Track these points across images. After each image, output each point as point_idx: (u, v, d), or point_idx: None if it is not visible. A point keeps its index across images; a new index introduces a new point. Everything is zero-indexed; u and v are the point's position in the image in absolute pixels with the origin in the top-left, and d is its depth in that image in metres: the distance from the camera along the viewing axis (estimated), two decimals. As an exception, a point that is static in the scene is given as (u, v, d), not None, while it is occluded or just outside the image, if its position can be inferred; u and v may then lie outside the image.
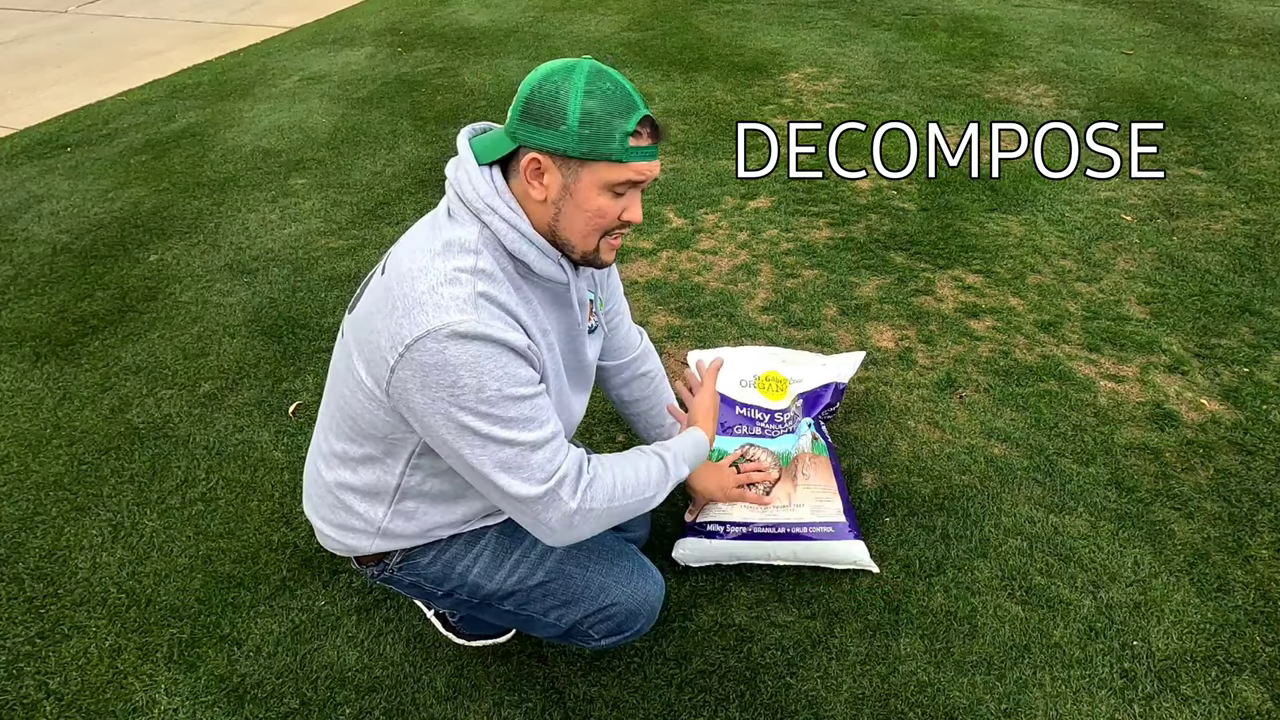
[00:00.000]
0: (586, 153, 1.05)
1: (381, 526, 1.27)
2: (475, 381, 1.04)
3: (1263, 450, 2.02)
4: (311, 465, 1.35)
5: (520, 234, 1.11)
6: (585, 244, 1.15)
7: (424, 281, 1.06)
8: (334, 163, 3.69)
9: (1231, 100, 3.92)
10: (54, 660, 1.64)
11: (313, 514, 1.36)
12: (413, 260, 1.10)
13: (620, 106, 1.06)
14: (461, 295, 1.05)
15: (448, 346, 1.03)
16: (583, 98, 1.04)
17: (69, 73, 5.02)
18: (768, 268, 2.80)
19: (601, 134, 1.05)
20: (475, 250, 1.10)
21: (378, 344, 1.09)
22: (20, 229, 3.27)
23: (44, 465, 2.12)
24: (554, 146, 1.06)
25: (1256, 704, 1.49)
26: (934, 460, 2.02)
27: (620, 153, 1.06)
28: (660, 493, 1.26)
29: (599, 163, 1.07)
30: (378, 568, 1.35)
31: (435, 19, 5.71)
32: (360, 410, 1.17)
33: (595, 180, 1.08)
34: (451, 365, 1.03)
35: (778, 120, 3.89)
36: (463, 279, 1.06)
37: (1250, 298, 2.56)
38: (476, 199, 1.10)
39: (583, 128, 1.04)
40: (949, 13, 5.36)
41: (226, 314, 2.69)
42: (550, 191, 1.10)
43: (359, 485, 1.26)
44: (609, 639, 1.37)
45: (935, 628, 1.63)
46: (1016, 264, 2.76)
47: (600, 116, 1.04)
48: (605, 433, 2.15)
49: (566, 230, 1.13)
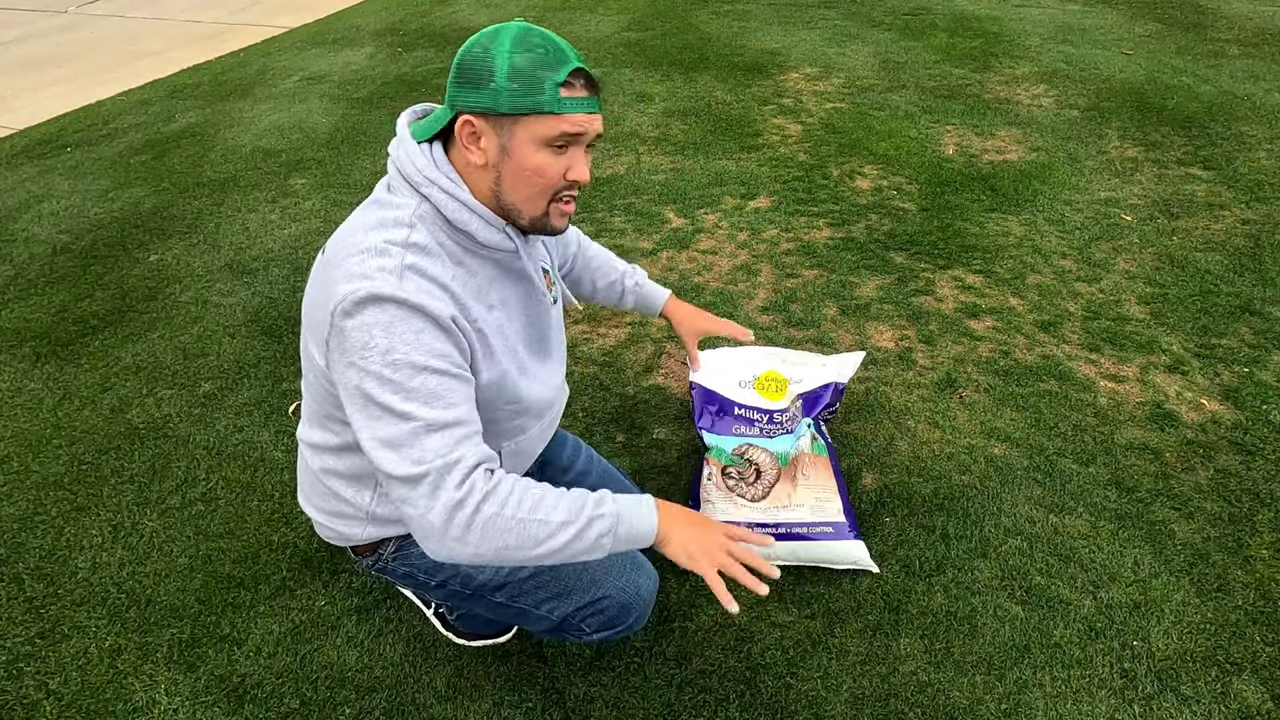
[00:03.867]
0: (516, 107, 1.03)
1: (370, 510, 1.28)
2: (385, 343, 1.02)
3: (1263, 450, 2.02)
4: (301, 457, 1.36)
5: (461, 203, 1.10)
6: (532, 208, 1.12)
7: (355, 254, 1.06)
8: (334, 163, 3.69)
9: (1231, 100, 3.92)
10: (54, 660, 1.64)
11: (306, 504, 1.36)
12: (350, 237, 1.10)
13: (549, 59, 1.04)
14: (388, 265, 1.04)
15: (366, 308, 1.02)
16: (510, 53, 1.03)
17: (69, 73, 5.02)
18: (768, 268, 2.80)
19: (530, 86, 1.02)
20: (409, 224, 1.09)
21: (318, 319, 1.10)
22: (20, 229, 3.27)
23: (44, 465, 2.12)
24: (484, 105, 1.04)
25: (1256, 704, 1.49)
26: (934, 460, 2.02)
27: (552, 103, 1.03)
28: (573, 523, 1.05)
29: (530, 116, 1.04)
30: (373, 558, 1.36)
31: (435, 19, 5.71)
32: (324, 393, 1.17)
33: (530, 136, 1.05)
34: (366, 326, 1.02)
35: (778, 120, 3.89)
36: (392, 250, 1.06)
37: (1250, 298, 2.56)
38: (415, 172, 1.09)
39: (510, 82, 1.02)
40: (949, 13, 5.36)
41: (226, 314, 2.69)
42: (488, 155, 1.08)
43: (343, 470, 1.26)
44: (601, 633, 1.36)
45: (935, 628, 1.63)
46: (1016, 264, 2.76)
47: (528, 69, 1.02)
48: (605, 433, 2.15)
49: (510, 194, 1.10)
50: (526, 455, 1.38)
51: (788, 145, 3.65)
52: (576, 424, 2.17)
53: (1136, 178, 3.28)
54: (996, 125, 3.76)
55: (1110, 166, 3.37)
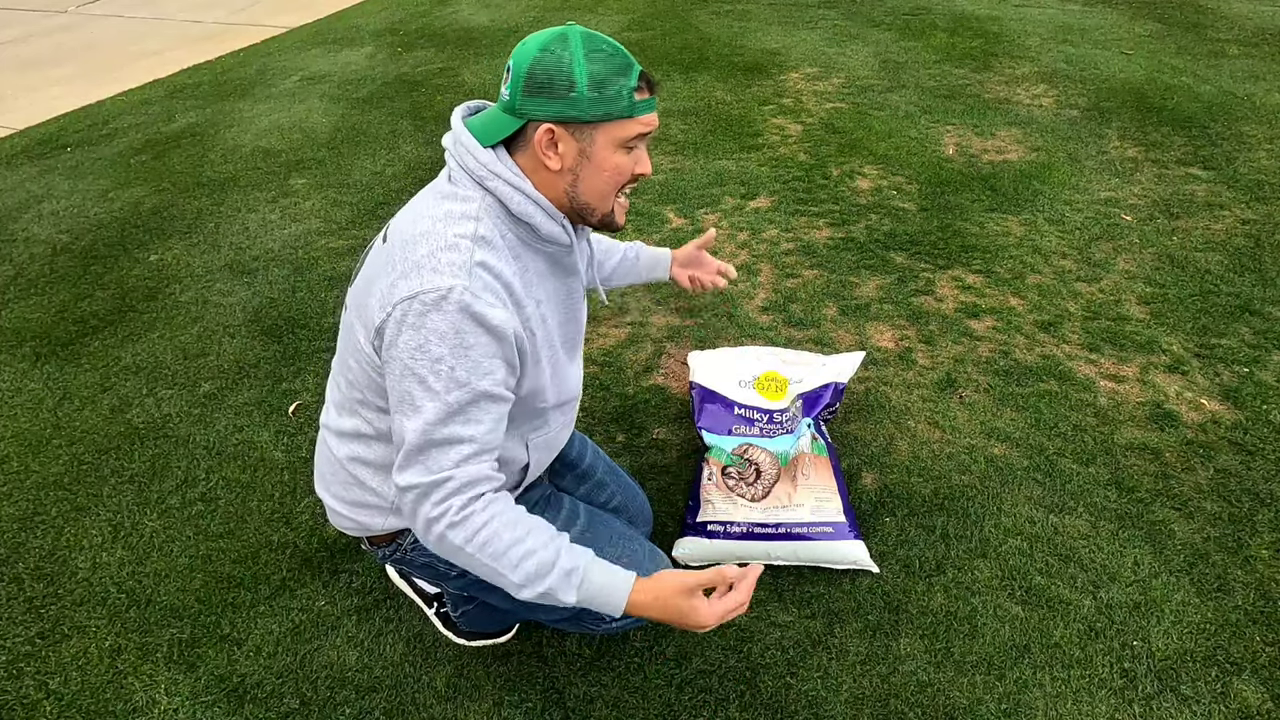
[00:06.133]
0: (601, 115, 1.08)
1: (395, 502, 1.27)
2: (439, 351, 1.05)
3: (1263, 450, 2.02)
4: (322, 444, 1.35)
5: (525, 195, 1.13)
6: (604, 205, 1.17)
7: (424, 246, 1.08)
8: (334, 163, 3.69)
9: (1231, 100, 3.92)
10: (54, 660, 1.64)
11: (324, 492, 1.36)
12: (414, 226, 1.12)
13: (621, 65, 1.09)
14: (458, 261, 1.06)
15: (431, 311, 1.04)
16: (586, 63, 1.07)
17: (69, 73, 5.02)
18: (768, 268, 2.80)
19: (611, 95, 1.08)
20: (476, 217, 1.11)
21: (372, 306, 1.11)
22: (20, 229, 3.27)
23: (44, 465, 2.12)
24: (568, 114, 1.08)
25: (1256, 704, 1.49)
26: (934, 460, 2.02)
27: (629, 109, 1.09)
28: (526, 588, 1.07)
29: (610, 121, 1.09)
30: (390, 547, 1.35)
31: (435, 19, 5.71)
32: (366, 381, 1.19)
33: (610, 140, 1.11)
34: (427, 328, 1.05)
35: (778, 120, 3.89)
36: (462, 245, 1.08)
37: (1250, 298, 2.56)
38: (478, 166, 1.12)
39: (592, 91, 1.07)
40: (949, 13, 5.36)
41: (226, 314, 2.69)
42: (566, 159, 1.12)
43: (372, 459, 1.26)
44: (620, 621, 1.35)
45: (935, 628, 1.63)
46: (1016, 264, 2.76)
47: (607, 78, 1.07)
48: (605, 433, 2.15)
49: (587, 194, 1.15)
50: (552, 448, 1.40)
51: (788, 145, 3.65)
52: (577, 424, 2.17)
53: (1136, 178, 3.28)
54: (996, 125, 3.76)
55: (1110, 166, 3.37)
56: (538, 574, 1.08)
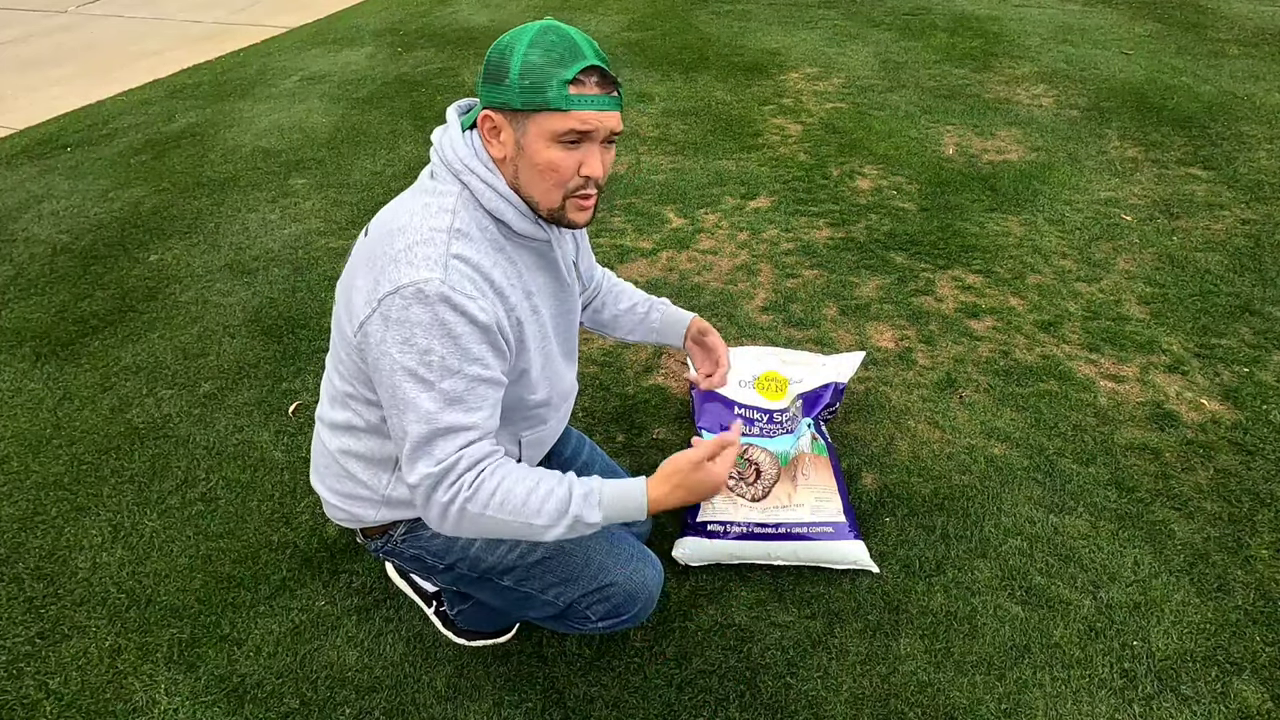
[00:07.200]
0: (526, 103, 1.06)
1: (385, 494, 1.29)
2: (425, 343, 1.06)
3: (1263, 450, 2.02)
4: (317, 437, 1.37)
5: (497, 193, 1.13)
6: (548, 200, 1.14)
7: (402, 240, 1.09)
8: (334, 163, 3.69)
9: (1231, 100, 3.92)
10: (54, 660, 1.64)
11: (319, 484, 1.37)
12: (394, 220, 1.13)
13: (562, 56, 1.05)
14: (434, 255, 1.07)
15: (412, 305, 1.05)
16: (525, 51, 1.06)
17: (69, 73, 5.02)
18: (768, 268, 2.80)
19: (538, 83, 1.05)
20: (452, 210, 1.12)
21: (356, 301, 1.12)
22: (20, 229, 3.27)
23: (44, 465, 2.12)
24: (500, 101, 1.08)
25: (1256, 704, 1.49)
26: (934, 460, 2.02)
27: (558, 100, 1.05)
28: (554, 527, 1.11)
29: (540, 113, 1.07)
30: (382, 540, 1.36)
31: (435, 19, 5.71)
32: (356, 373, 1.20)
33: (540, 131, 1.08)
34: (410, 322, 1.06)
35: (778, 120, 3.89)
36: (437, 239, 1.09)
37: (1250, 298, 2.56)
38: (456, 160, 1.14)
39: (522, 79, 1.06)
40: (949, 13, 5.36)
41: (226, 314, 2.69)
42: (507, 148, 1.12)
43: (362, 452, 1.27)
44: (606, 621, 1.36)
45: (935, 628, 1.63)
46: (1016, 264, 2.76)
47: (539, 66, 1.05)
48: (605, 433, 2.15)
49: (527, 187, 1.14)
50: (544, 445, 1.41)
51: (788, 145, 3.65)
52: (576, 424, 2.17)
53: (1136, 178, 3.28)
54: (996, 125, 3.76)
55: (1110, 166, 3.37)
56: (559, 510, 1.10)
